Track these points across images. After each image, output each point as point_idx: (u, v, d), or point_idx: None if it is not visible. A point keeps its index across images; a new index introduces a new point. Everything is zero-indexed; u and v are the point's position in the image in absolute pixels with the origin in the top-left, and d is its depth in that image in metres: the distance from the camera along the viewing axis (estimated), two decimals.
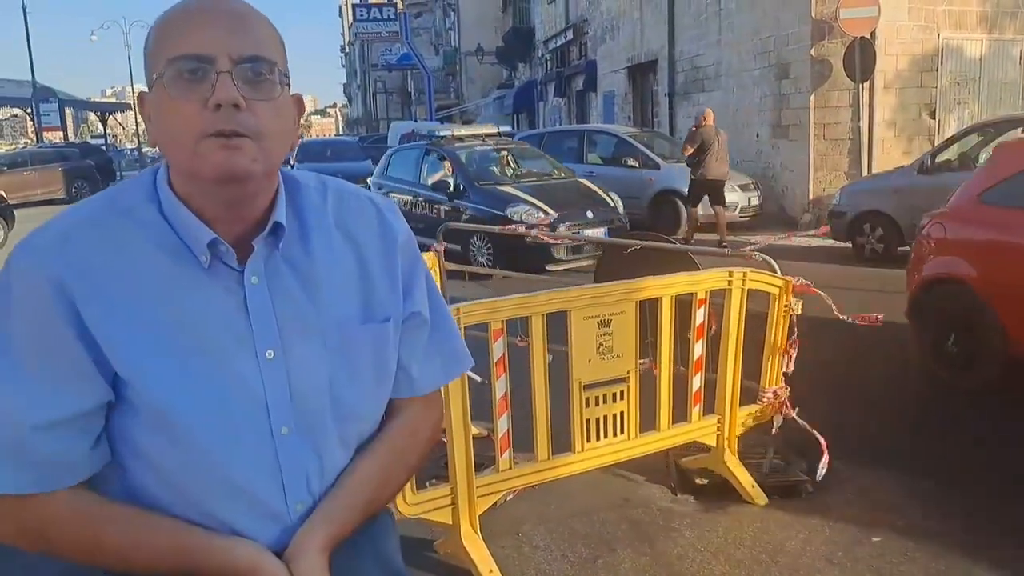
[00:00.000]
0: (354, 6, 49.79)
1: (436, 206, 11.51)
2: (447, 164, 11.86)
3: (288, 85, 1.17)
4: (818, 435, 4.08)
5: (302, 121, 1.29)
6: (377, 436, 1.31)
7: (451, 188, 11.30)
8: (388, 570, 1.36)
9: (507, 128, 13.82)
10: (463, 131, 13.08)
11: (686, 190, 12.99)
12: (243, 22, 1.12)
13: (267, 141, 1.12)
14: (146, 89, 1.17)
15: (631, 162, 14.62)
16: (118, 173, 37.65)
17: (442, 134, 12.66)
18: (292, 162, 18.35)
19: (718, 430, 4.03)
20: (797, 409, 4.18)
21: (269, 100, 1.12)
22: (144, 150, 67.27)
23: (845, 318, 4.24)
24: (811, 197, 13.89)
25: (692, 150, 12.20)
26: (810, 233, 4.85)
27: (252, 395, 1.15)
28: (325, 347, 1.20)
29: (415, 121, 34.42)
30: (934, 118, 13.79)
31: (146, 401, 1.11)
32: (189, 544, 1.13)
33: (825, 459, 4.03)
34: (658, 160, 14.34)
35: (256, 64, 1.11)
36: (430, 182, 11.98)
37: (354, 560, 1.28)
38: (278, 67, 1.14)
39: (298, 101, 1.21)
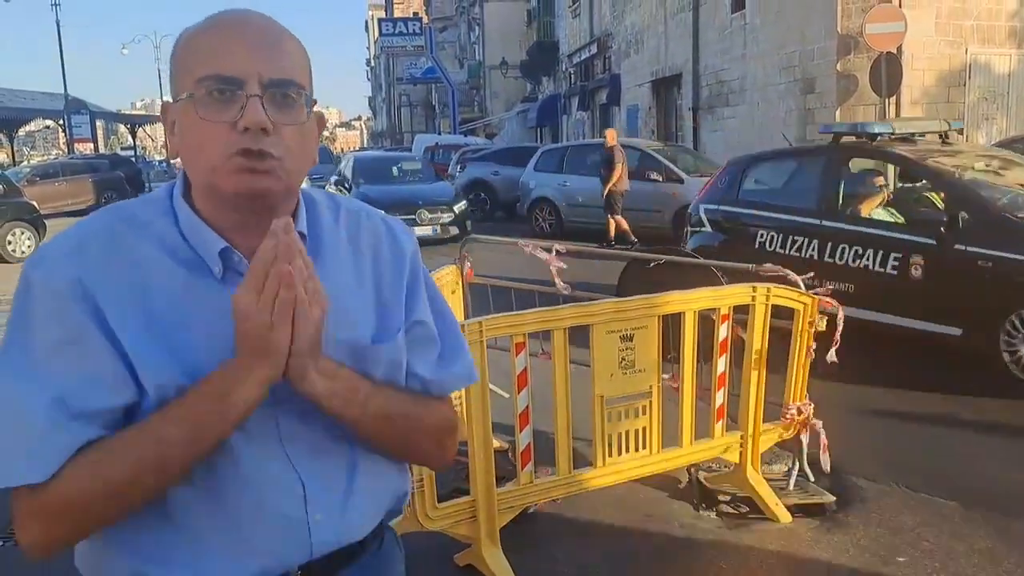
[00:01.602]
0: (380, 20, 50.33)
1: (907, 256, 6.38)
2: (884, 181, 7.50)
3: (314, 105, 1.18)
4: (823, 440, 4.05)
5: (327, 134, 1.28)
6: None
7: (947, 223, 6.17)
8: None
9: (959, 124, 8.67)
10: (907, 126, 7.83)
11: None
12: (274, 44, 1.14)
13: (291, 162, 1.14)
14: (170, 98, 1.18)
15: (655, 176, 14.58)
16: (147, 184, 38.04)
17: (877, 131, 7.52)
18: (348, 185, 15.74)
19: (741, 446, 4.00)
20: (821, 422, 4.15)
21: (296, 124, 1.14)
22: (173, 161, 68.17)
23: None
24: None
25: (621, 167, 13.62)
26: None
27: (275, 399, 1.14)
28: (342, 358, 1.19)
29: (439, 134, 34.60)
30: (962, 134, 13.67)
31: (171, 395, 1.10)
32: (186, 393, 1.09)
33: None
34: (682, 174, 14.31)
35: (285, 88, 1.13)
36: (872, 213, 7.03)
37: None
38: (305, 90, 1.16)
39: (319, 118, 1.22)
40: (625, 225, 13.72)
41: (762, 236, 7.55)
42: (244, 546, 1.16)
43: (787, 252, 7.17)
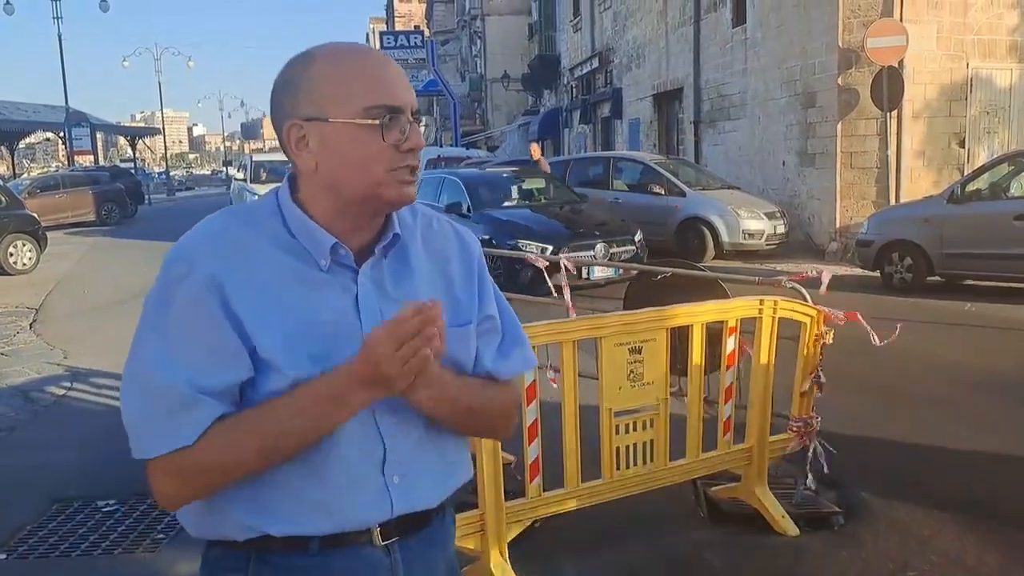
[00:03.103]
0: (381, 33, 50.39)
1: None
2: None
3: None
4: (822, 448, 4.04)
5: None
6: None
7: None
8: (452, 567, 1.57)
9: None
10: None
11: (712, 217, 13.46)
12: (407, 78, 1.38)
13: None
14: (299, 118, 1.34)
15: (657, 189, 14.64)
16: (147, 196, 38.09)
17: None
18: (467, 209, 12.17)
19: (748, 459, 3.99)
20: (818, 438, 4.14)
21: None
22: (172, 174, 68.14)
23: (878, 342, 4.19)
24: (838, 225, 13.82)
25: None
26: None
27: None
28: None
29: (440, 147, 34.68)
30: (963, 147, 13.70)
31: (281, 376, 1.28)
32: (308, 385, 1.29)
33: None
34: (684, 187, 14.35)
35: (419, 115, 1.38)
36: None
37: (429, 552, 1.47)
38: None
39: None
40: None
41: None
42: (335, 504, 1.34)
43: None
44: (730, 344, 3.89)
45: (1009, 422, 5.47)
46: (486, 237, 10.87)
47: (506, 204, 12.71)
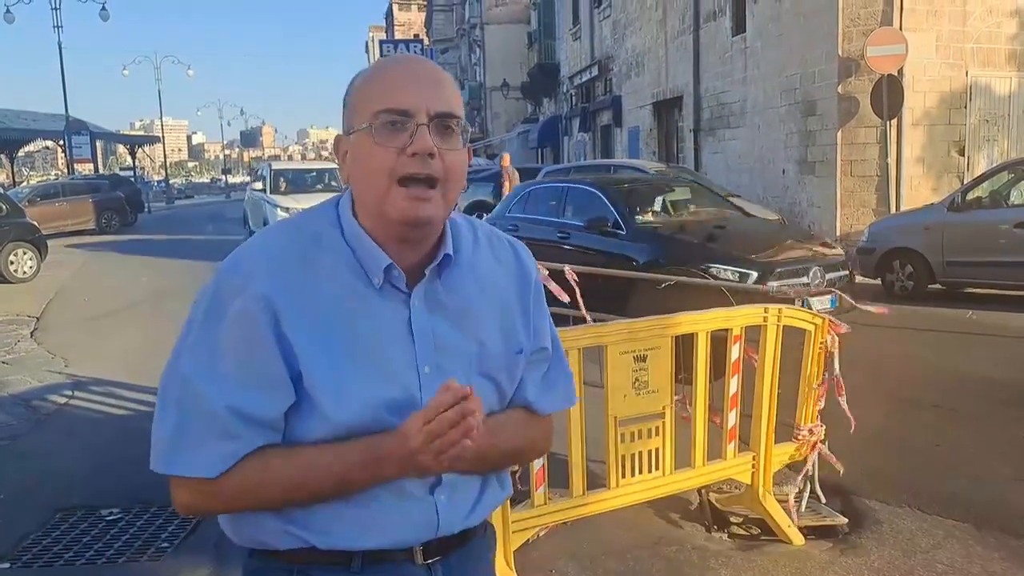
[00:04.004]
0: (381, 42, 50.60)
1: None
2: None
3: (467, 134, 1.35)
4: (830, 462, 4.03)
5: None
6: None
7: None
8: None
9: None
10: None
11: None
12: (438, 81, 1.32)
13: (450, 186, 1.31)
14: (341, 133, 1.37)
15: None
16: (146, 204, 38.06)
17: None
18: (624, 222, 9.19)
19: (753, 468, 3.98)
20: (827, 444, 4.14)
21: (455, 150, 1.31)
22: (171, 182, 68.21)
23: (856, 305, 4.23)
24: (838, 233, 13.82)
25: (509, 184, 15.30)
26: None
27: (413, 403, 1.31)
28: (471, 368, 1.37)
29: None
30: (963, 155, 13.73)
31: (323, 399, 1.27)
32: (343, 451, 1.28)
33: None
34: None
35: (447, 119, 1.30)
36: None
37: (470, 568, 1.46)
38: (462, 122, 1.33)
39: (468, 151, 1.37)
40: None
41: None
42: (383, 521, 1.33)
43: None
44: (735, 352, 3.89)
45: (1012, 429, 5.46)
46: (649, 260, 8.60)
47: (654, 219, 9.82)
